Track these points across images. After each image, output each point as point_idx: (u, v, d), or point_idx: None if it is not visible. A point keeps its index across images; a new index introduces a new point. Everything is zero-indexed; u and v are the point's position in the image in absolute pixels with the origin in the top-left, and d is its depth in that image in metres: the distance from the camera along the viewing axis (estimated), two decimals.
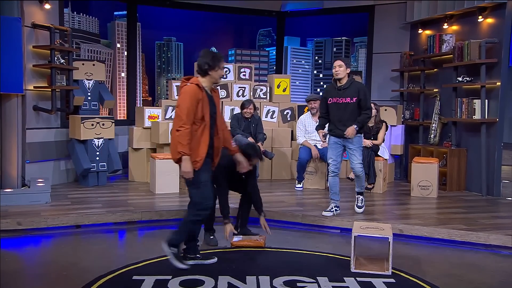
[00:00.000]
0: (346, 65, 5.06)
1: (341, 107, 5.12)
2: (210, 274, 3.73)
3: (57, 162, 6.85)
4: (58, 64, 6.40)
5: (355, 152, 5.18)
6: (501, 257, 4.43)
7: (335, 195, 5.31)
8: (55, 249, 4.52)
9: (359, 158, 5.23)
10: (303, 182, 6.85)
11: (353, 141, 5.16)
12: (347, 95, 5.08)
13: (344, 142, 5.18)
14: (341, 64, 5.04)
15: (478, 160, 6.61)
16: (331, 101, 5.19)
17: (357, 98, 5.06)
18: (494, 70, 6.45)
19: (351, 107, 5.09)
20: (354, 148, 5.18)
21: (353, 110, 5.09)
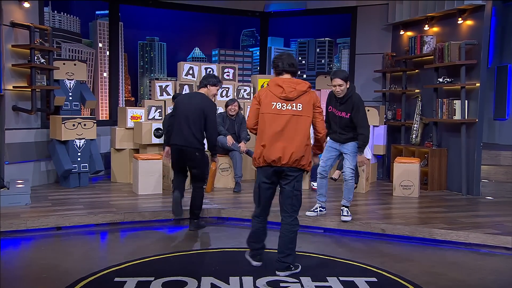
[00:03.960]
0: (345, 82, 4.95)
1: (336, 119, 5.09)
2: (192, 275, 3.72)
3: (37, 163, 6.75)
4: (38, 63, 6.31)
5: (349, 158, 5.12)
6: (480, 255, 4.52)
7: (321, 197, 5.33)
8: (35, 251, 4.45)
9: (352, 164, 5.10)
10: None
11: (348, 147, 5.09)
12: (342, 110, 5.03)
13: (340, 147, 5.15)
14: (341, 83, 4.91)
15: (458, 160, 6.72)
16: (330, 109, 5.18)
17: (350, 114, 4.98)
18: (474, 71, 6.57)
19: (345, 121, 5.02)
20: (348, 154, 5.11)
21: (347, 124, 5.02)
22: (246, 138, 6.98)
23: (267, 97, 3.73)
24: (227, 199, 6.09)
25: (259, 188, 3.87)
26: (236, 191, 6.57)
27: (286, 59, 3.78)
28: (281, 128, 3.68)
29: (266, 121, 3.70)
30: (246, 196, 6.32)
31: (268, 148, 3.70)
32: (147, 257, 4.19)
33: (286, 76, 3.78)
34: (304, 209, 5.64)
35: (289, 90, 3.69)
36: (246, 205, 5.71)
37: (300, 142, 3.70)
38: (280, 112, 3.69)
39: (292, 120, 3.69)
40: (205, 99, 4.98)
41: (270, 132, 3.69)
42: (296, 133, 3.69)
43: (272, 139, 3.68)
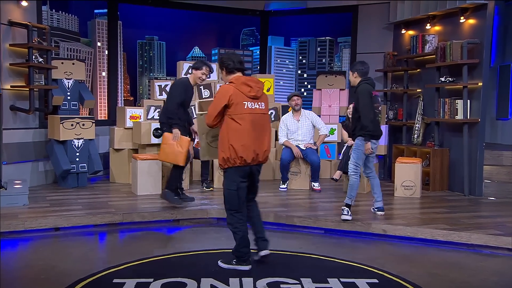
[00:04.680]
0: (353, 72, 5.17)
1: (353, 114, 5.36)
2: (192, 277, 3.72)
3: (35, 163, 6.75)
4: (36, 63, 6.31)
5: (352, 152, 5.26)
6: (483, 256, 4.52)
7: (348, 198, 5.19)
8: (33, 252, 4.45)
9: (353, 159, 5.19)
10: (287, 183, 6.87)
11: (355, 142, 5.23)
12: (353, 101, 5.33)
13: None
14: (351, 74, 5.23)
15: (461, 160, 6.72)
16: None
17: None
18: (476, 71, 6.56)
19: (353, 113, 5.30)
20: (353, 148, 5.27)
21: (354, 116, 5.26)
22: None
23: (238, 96, 3.73)
24: None
25: (237, 189, 3.82)
26: None
27: (235, 58, 3.88)
28: (256, 127, 3.77)
29: (241, 122, 3.72)
30: None
31: (247, 148, 3.74)
32: (146, 258, 4.19)
33: (238, 74, 3.86)
34: (305, 209, 5.65)
35: (257, 89, 3.79)
36: None
37: (269, 139, 3.91)
38: (252, 112, 3.76)
39: (262, 119, 3.83)
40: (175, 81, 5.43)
41: (247, 133, 3.73)
42: (266, 131, 3.86)
43: (249, 139, 3.74)
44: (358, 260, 4.22)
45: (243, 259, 3.91)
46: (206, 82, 7.79)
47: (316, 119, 6.95)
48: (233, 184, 3.81)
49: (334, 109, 8.27)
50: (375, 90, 5.30)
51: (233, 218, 3.88)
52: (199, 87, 7.79)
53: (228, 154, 3.75)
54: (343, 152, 6.72)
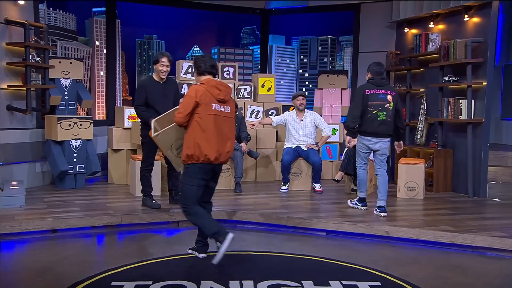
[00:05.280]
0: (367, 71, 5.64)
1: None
2: (192, 279, 3.72)
3: (32, 164, 6.76)
4: (33, 62, 6.31)
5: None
6: (487, 258, 4.51)
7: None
8: (30, 254, 4.45)
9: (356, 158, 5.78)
10: (288, 184, 6.87)
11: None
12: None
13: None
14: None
15: (465, 160, 6.72)
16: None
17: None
18: (480, 70, 6.56)
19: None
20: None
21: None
22: (247, 138, 6.99)
23: (207, 97, 3.97)
24: (227, 201, 6.09)
25: (197, 187, 4.05)
26: (237, 192, 6.57)
27: (208, 61, 4.13)
28: (220, 128, 4.03)
29: (208, 122, 3.96)
30: (247, 197, 6.32)
31: (210, 147, 3.97)
32: (145, 260, 4.19)
33: (209, 77, 4.12)
34: (306, 211, 5.65)
35: (225, 93, 4.07)
36: (247, 207, 5.71)
37: (232, 142, 4.16)
38: (219, 114, 4.03)
39: (227, 122, 4.10)
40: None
41: (212, 132, 3.97)
42: (230, 133, 4.13)
43: (214, 139, 3.98)
44: (360, 263, 4.22)
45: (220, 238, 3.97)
46: None
47: (319, 120, 6.95)
48: (193, 180, 4.03)
49: (336, 109, 8.27)
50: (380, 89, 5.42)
51: (188, 209, 4.06)
52: None
53: (193, 151, 3.96)
54: (345, 153, 6.72)
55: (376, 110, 5.38)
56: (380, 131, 5.42)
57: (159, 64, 5.32)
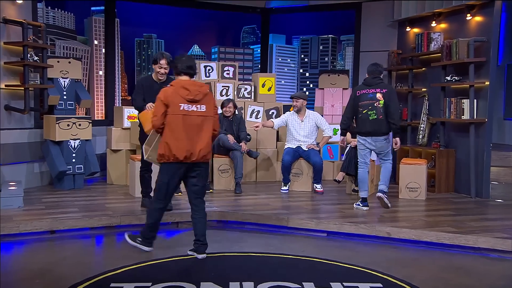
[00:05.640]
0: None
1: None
2: (191, 281, 3.72)
3: (30, 164, 6.76)
4: (31, 61, 6.31)
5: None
6: (490, 260, 4.51)
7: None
8: (28, 255, 4.46)
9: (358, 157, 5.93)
10: (289, 185, 6.87)
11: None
12: None
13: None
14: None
15: (467, 161, 6.72)
16: None
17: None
18: (483, 69, 6.56)
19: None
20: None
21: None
22: (246, 138, 7.00)
23: (175, 99, 4.13)
24: (227, 201, 6.09)
25: (168, 184, 4.25)
26: (237, 193, 6.57)
27: (185, 62, 4.26)
28: (190, 128, 4.15)
29: (176, 122, 4.12)
30: (247, 198, 6.32)
31: (179, 147, 4.12)
32: (145, 262, 4.19)
33: (185, 78, 4.27)
34: (307, 212, 5.66)
35: (195, 93, 4.17)
36: (247, 208, 5.72)
37: (207, 140, 4.25)
38: (188, 113, 4.15)
39: (199, 120, 4.19)
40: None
41: (181, 132, 4.12)
42: (203, 132, 4.22)
43: (183, 138, 4.12)
44: (361, 264, 4.21)
45: (147, 241, 4.39)
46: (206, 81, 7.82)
47: (321, 120, 6.95)
48: (165, 177, 4.25)
49: (337, 108, 8.27)
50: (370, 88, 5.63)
51: (154, 204, 4.35)
52: None
53: (163, 151, 4.16)
54: (346, 153, 6.72)
55: (366, 109, 5.59)
56: (373, 130, 5.60)
57: (157, 66, 5.31)
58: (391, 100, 5.56)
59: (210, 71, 7.94)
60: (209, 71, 7.94)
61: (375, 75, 5.71)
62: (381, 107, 5.55)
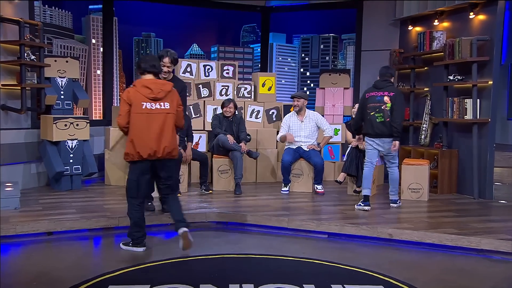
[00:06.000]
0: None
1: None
2: (191, 283, 3.71)
3: (27, 165, 6.76)
4: (28, 60, 6.31)
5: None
6: (493, 262, 4.51)
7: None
8: (25, 257, 4.45)
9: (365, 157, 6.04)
10: (289, 185, 6.87)
11: None
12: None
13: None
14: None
15: (470, 161, 6.71)
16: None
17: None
18: (486, 69, 6.56)
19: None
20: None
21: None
22: (246, 139, 7.00)
23: (137, 98, 4.31)
24: (227, 202, 6.09)
25: (137, 181, 4.41)
26: (237, 194, 6.57)
27: (149, 61, 4.44)
28: (153, 125, 4.31)
29: (139, 120, 4.30)
30: (247, 199, 6.32)
31: (143, 145, 4.29)
32: (143, 263, 4.19)
33: (149, 77, 4.43)
34: (308, 213, 5.65)
35: (157, 91, 4.34)
36: (247, 209, 5.72)
37: (171, 136, 4.41)
38: (151, 112, 4.32)
39: (162, 118, 4.35)
40: None
41: (144, 130, 4.29)
42: (166, 129, 4.38)
43: (146, 136, 4.29)
44: (363, 266, 4.21)
45: (136, 242, 4.49)
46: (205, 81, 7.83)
47: (321, 120, 6.95)
48: (134, 175, 4.42)
49: (338, 108, 8.27)
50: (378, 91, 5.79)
51: (130, 205, 4.49)
52: (198, 86, 7.81)
53: (128, 149, 4.35)
54: (347, 154, 6.72)
55: (373, 112, 5.77)
56: (380, 132, 5.76)
57: (161, 64, 5.25)
58: (396, 104, 5.72)
59: (209, 70, 7.94)
60: (208, 71, 7.94)
61: (385, 78, 5.89)
62: (388, 110, 5.71)
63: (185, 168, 6.66)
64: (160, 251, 4.59)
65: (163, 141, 4.34)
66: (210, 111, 7.75)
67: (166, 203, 4.67)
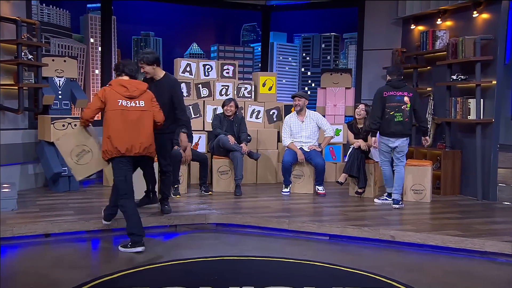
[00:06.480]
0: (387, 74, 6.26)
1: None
2: (190, 285, 3.72)
3: (24, 165, 6.76)
4: (25, 60, 6.31)
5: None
6: (497, 264, 4.51)
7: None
8: (22, 260, 4.45)
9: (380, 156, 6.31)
10: (290, 186, 6.87)
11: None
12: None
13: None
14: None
15: (473, 162, 6.71)
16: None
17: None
18: (490, 68, 6.56)
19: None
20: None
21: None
22: (247, 139, 6.99)
23: (112, 96, 4.53)
24: (227, 204, 6.09)
25: (125, 178, 4.58)
26: (237, 195, 6.57)
27: (127, 65, 4.72)
28: (129, 122, 4.52)
29: (115, 116, 4.50)
30: (248, 200, 6.32)
31: (119, 139, 4.47)
32: (142, 266, 4.19)
33: (126, 78, 4.68)
34: (309, 214, 5.65)
35: (133, 90, 4.58)
36: (247, 210, 5.72)
37: (147, 134, 4.62)
38: (126, 109, 4.53)
39: (138, 115, 4.57)
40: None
41: (120, 126, 4.48)
42: (142, 125, 4.59)
43: (122, 132, 4.49)
44: (365, 268, 4.21)
45: (137, 239, 4.50)
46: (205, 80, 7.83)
47: (322, 120, 6.95)
48: (121, 172, 4.56)
49: (340, 108, 8.27)
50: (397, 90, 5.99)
51: (123, 201, 4.59)
52: (197, 86, 7.81)
53: (106, 146, 4.51)
54: (349, 154, 6.72)
55: (393, 111, 5.94)
56: (397, 131, 5.97)
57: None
58: (417, 105, 6.03)
59: (209, 70, 7.94)
60: (208, 70, 7.94)
61: (400, 78, 6.07)
62: (407, 110, 5.95)
63: (185, 169, 6.66)
64: (160, 253, 4.59)
65: (139, 137, 4.54)
66: (209, 111, 7.76)
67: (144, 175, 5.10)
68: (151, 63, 5.18)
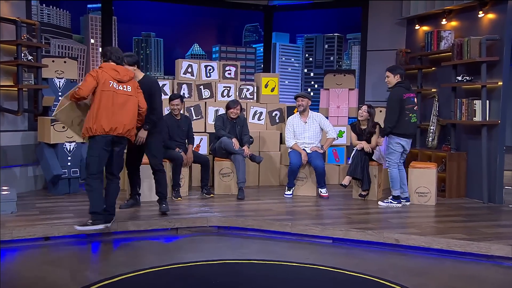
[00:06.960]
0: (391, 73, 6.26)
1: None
2: None
3: (24, 168, 6.77)
4: (25, 61, 6.33)
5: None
6: (504, 268, 4.49)
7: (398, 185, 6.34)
8: (21, 263, 4.46)
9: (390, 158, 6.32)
10: (293, 189, 6.86)
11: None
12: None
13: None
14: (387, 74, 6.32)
15: (479, 164, 6.70)
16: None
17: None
18: (496, 69, 6.55)
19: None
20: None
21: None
22: (249, 141, 6.99)
23: (104, 77, 4.76)
24: (229, 207, 6.09)
25: (99, 157, 4.75)
26: (239, 198, 6.56)
27: (114, 52, 4.97)
28: (117, 104, 4.76)
29: (106, 97, 4.72)
30: (250, 203, 6.32)
31: (106, 119, 4.68)
32: (142, 269, 4.19)
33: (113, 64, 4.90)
34: (312, 217, 5.65)
35: (123, 74, 4.88)
36: (249, 213, 5.71)
37: (131, 116, 4.89)
38: (116, 91, 4.79)
39: (125, 99, 4.84)
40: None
41: (109, 106, 4.71)
42: (127, 108, 4.85)
43: (110, 112, 4.71)
44: (369, 272, 4.20)
45: (99, 217, 4.73)
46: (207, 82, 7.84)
47: (324, 121, 6.94)
48: (95, 151, 4.73)
49: (343, 110, 8.27)
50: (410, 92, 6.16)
51: (90, 180, 4.77)
52: (199, 87, 7.81)
53: (91, 124, 4.69)
54: (352, 156, 6.71)
55: (410, 113, 6.15)
56: (414, 132, 6.38)
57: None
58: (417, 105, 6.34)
59: (211, 71, 7.94)
60: (210, 71, 7.94)
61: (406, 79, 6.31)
62: (417, 110, 6.26)
63: (186, 171, 6.66)
64: (160, 256, 4.59)
65: (123, 119, 4.79)
66: (211, 112, 7.76)
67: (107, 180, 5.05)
68: (132, 65, 5.44)
